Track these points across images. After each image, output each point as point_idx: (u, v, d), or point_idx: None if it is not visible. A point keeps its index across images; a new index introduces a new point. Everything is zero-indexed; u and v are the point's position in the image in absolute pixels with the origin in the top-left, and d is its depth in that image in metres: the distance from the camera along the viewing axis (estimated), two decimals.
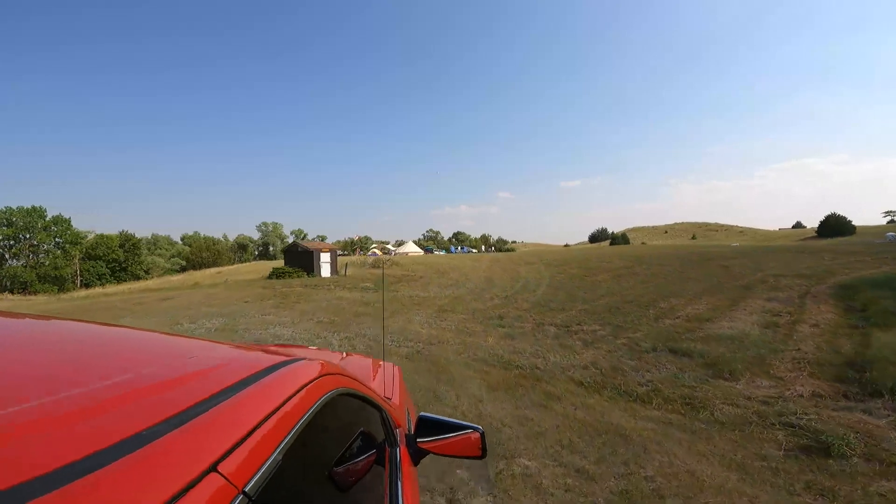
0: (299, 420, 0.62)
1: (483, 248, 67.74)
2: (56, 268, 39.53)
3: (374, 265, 27.48)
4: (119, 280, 41.04)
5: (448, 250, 58.83)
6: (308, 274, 22.00)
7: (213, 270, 35.25)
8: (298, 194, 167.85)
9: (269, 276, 22.20)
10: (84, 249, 42.44)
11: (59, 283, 37.81)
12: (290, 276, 21.39)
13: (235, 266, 39.78)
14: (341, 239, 74.07)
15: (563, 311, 12.17)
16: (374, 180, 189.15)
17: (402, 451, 1.29)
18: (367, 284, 19.17)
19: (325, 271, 22.47)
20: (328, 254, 22.72)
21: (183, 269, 49.44)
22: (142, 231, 67.92)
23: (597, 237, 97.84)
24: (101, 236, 45.99)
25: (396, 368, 2.32)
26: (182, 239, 70.45)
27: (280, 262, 27.99)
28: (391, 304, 13.31)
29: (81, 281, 39.80)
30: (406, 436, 1.40)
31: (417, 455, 1.37)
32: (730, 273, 19.82)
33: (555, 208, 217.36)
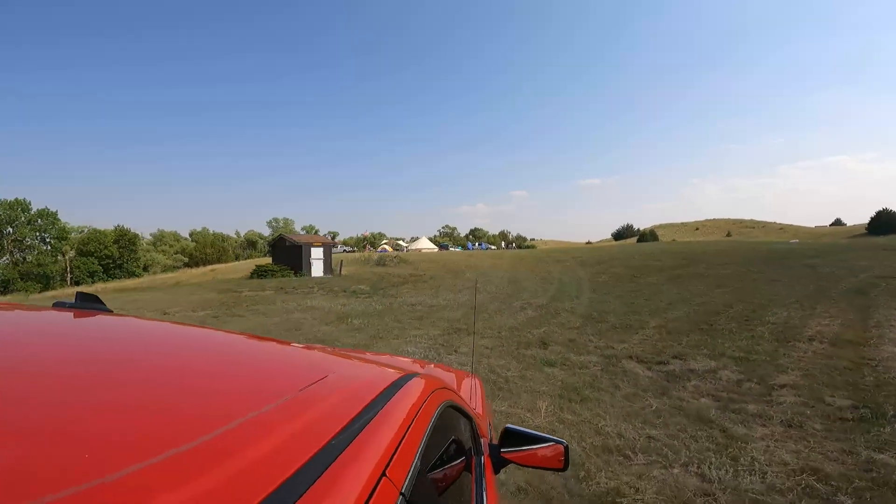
0: (427, 428, 0.70)
1: (503, 244, 63.52)
2: (40, 265, 37.17)
3: (380, 262, 23.88)
4: (112, 277, 38.59)
5: (465, 247, 54.95)
6: (296, 273, 18.46)
7: (207, 268, 32.22)
8: (315, 192, 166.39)
9: (252, 276, 18.74)
10: (75, 245, 40.23)
11: (44, 282, 35.45)
12: (273, 275, 17.85)
13: (233, 263, 36.75)
14: (353, 236, 71.06)
15: (633, 331, 8.24)
16: (391, 178, 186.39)
17: (485, 460, 1.29)
18: (362, 287, 15.46)
19: (317, 269, 18.89)
20: (320, 248, 19.11)
21: (186, 266, 46.90)
22: (153, 227, 66.11)
23: (622, 234, 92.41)
24: (94, 231, 43.61)
25: (478, 381, 2.26)
26: (190, 235, 68.45)
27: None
28: (382, 318, 9.51)
29: (72, 279, 37.49)
30: (489, 445, 1.41)
31: (499, 464, 1.36)
32: (820, 274, 15.67)
33: (572, 206, 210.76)
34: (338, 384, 0.71)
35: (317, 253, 18.84)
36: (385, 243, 52.36)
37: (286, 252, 19.38)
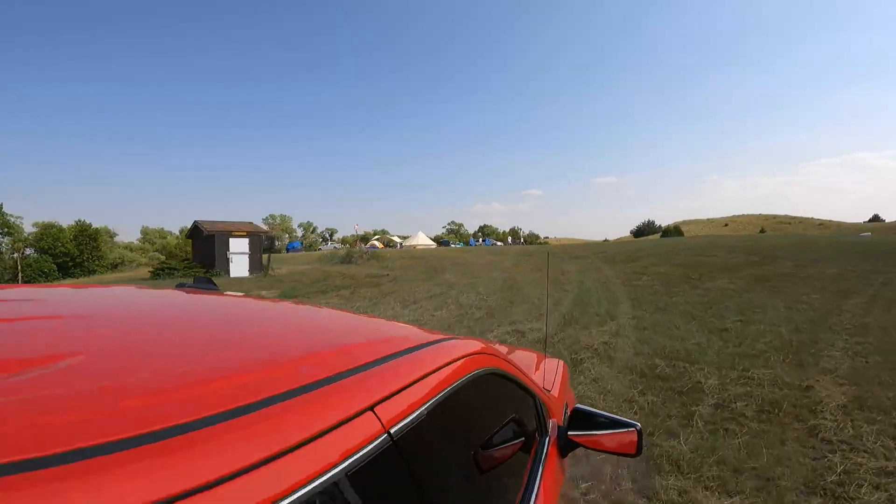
0: (447, 388, 0.70)
1: (509, 240, 57.65)
2: None
3: (345, 259, 18.66)
4: (70, 276, 34.39)
5: (467, 243, 49.41)
6: (208, 270, 13.28)
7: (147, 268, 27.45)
8: (319, 191, 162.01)
9: (152, 276, 13.64)
10: (27, 242, 36.22)
11: None
12: (171, 274, 12.69)
13: None
14: (353, 234, 66.10)
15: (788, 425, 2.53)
16: (399, 176, 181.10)
17: (551, 442, 1.25)
18: (280, 292, 10.16)
19: (239, 267, 13.77)
20: (244, 240, 13.94)
21: (187, 262, 42.25)
22: (153, 224, 61.77)
23: (643, 231, 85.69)
24: (48, 226, 39.54)
25: (562, 364, 2.15)
26: (180, 232, 64.48)
27: (284, 255, 19.40)
28: None
29: (23, 278, 33.44)
30: (558, 427, 1.36)
31: (567, 447, 1.31)
32: None
33: (587, 205, 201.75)
34: (370, 338, 0.79)
35: (238, 245, 13.71)
36: (376, 239, 47.13)
37: (203, 244, 14.30)
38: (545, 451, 1.16)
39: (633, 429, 1.20)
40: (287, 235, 73.05)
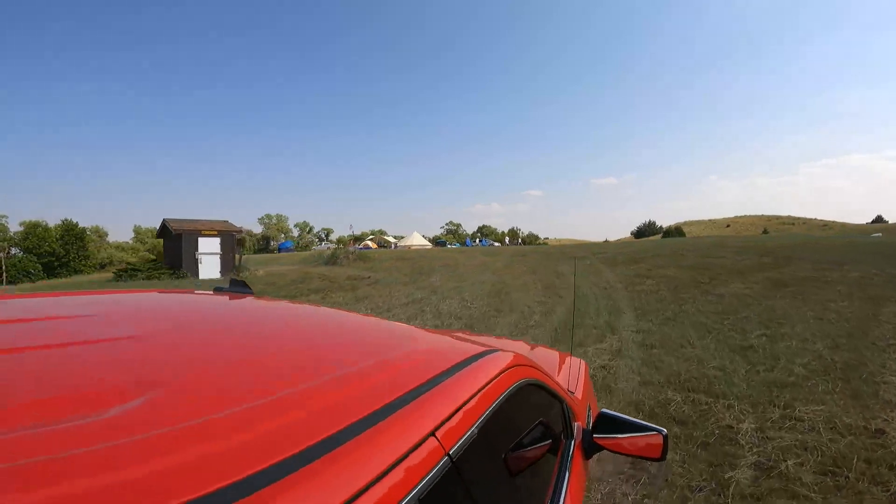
0: (493, 403, 0.71)
1: (507, 240, 56.49)
2: None
3: (330, 260, 17.66)
4: (55, 276, 33.37)
5: (463, 244, 48.30)
6: (174, 273, 12.22)
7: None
8: (318, 191, 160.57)
9: (116, 277, 12.62)
10: (13, 241, 35.15)
11: None
12: (134, 276, 11.66)
13: None
14: (351, 233, 65.05)
15: None
16: (398, 177, 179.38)
17: (576, 445, 1.26)
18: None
19: (209, 268, 12.74)
20: (215, 239, 12.90)
21: (153, 263, 41.30)
22: (143, 223, 60.37)
23: (644, 232, 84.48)
24: (34, 226, 38.43)
25: (583, 363, 2.16)
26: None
27: (275, 255, 18.40)
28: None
29: (7, 278, 32.38)
30: (583, 430, 1.36)
31: (591, 450, 1.32)
32: None
33: (587, 206, 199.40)
34: (415, 355, 0.78)
35: (207, 245, 12.65)
36: (370, 239, 45.99)
37: (172, 244, 13.25)
38: (571, 453, 1.19)
39: (659, 434, 1.19)
40: (283, 236, 72.05)
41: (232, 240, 13.41)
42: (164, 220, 13.53)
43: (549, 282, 11.23)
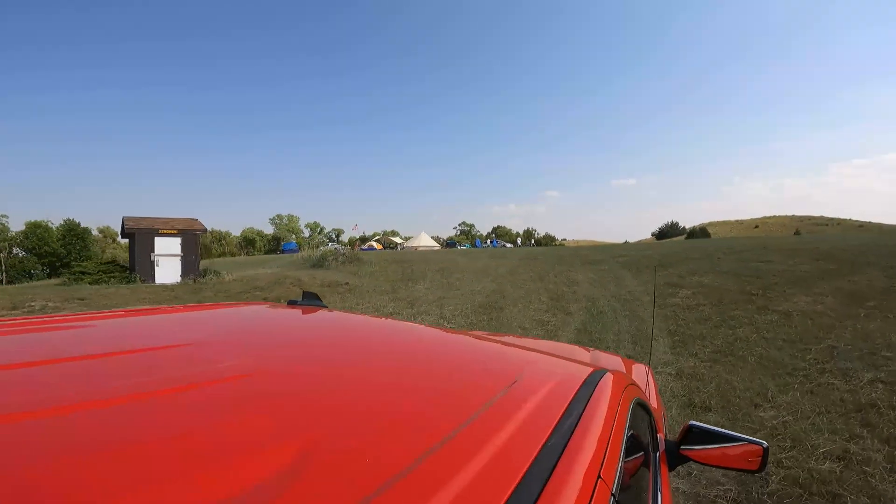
0: (626, 427, 0.70)
1: (518, 241, 54.16)
2: None
3: (318, 263, 16.08)
4: (54, 276, 32.80)
5: (473, 244, 46.25)
6: (126, 277, 10.67)
7: None
8: (332, 191, 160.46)
9: (72, 280, 11.15)
10: (13, 241, 34.80)
11: None
12: (81, 279, 10.21)
13: None
14: (362, 234, 63.83)
15: None
16: (413, 177, 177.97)
17: (661, 456, 1.21)
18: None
19: (168, 271, 11.22)
20: (175, 239, 11.34)
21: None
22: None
23: (666, 233, 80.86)
24: (35, 226, 38.29)
25: (650, 371, 2.09)
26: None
27: (277, 257, 16.97)
28: None
29: (7, 278, 31.96)
30: (666, 441, 1.29)
31: (675, 461, 1.26)
32: None
33: (606, 207, 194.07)
34: (534, 383, 0.75)
35: (166, 246, 11.13)
36: (376, 240, 44.36)
37: (132, 245, 11.74)
38: (658, 464, 1.14)
39: (758, 446, 1.12)
40: (294, 237, 71.34)
41: (196, 239, 11.86)
42: (123, 217, 12.15)
43: (557, 292, 9.26)
